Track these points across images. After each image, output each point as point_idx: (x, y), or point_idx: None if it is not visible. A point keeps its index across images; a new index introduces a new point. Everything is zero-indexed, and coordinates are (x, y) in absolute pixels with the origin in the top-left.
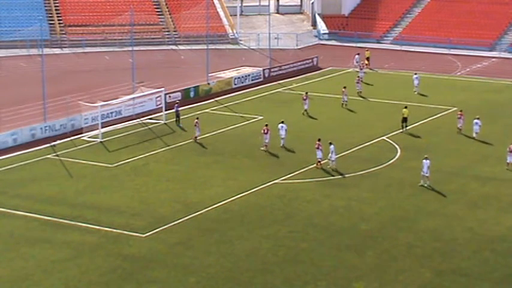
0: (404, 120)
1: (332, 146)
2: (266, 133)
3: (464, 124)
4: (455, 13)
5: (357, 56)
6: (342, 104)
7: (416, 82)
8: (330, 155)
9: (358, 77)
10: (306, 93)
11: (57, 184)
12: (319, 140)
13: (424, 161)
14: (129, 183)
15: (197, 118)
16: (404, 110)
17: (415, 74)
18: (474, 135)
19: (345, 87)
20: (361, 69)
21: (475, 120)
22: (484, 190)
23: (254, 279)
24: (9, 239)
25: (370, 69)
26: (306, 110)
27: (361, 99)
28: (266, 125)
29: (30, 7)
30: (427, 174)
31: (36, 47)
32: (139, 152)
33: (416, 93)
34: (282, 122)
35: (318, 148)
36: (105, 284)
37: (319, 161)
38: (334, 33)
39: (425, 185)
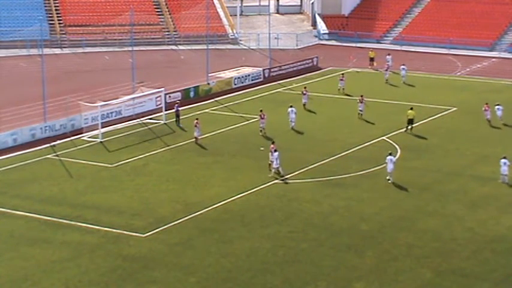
0: (410, 121)
1: (276, 153)
2: (263, 118)
3: (491, 116)
4: (455, 13)
5: (388, 57)
6: (359, 113)
7: (403, 72)
8: (274, 161)
9: (387, 80)
10: (305, 87)
11: (57, 184)
12: (273, 143)
13: (388, 157)
14: (129, 183)
15: (197, 119)
16: (410, 111)
17: (403, 65)
18: (498, 119)
19: (361, 96)
20: (386, 70)
21: (497, 106)
22: (484, 190)
23: (254, 279)
24: (9, 239)
25: (375, 69)
26: (304, 104)
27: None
28: (261, 111)
29: (30, 7)
30: (390, 171)
31: (36, 47)
32: (139, 152)
33: (403, 82)
34: (292, 106)
35: (270, 151)
36: (105, 284)
37: (270, 164)
38: (334, 33)
39: (389, 180)
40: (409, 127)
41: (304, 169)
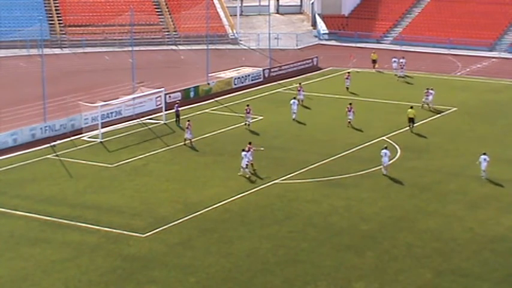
0: (411, 120)
1: (243, 153)
2: (248, 113)
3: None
4: (455, 13)
5: (394, 59)
6: (348, 122)
7: (395, 65)
8: (242, 160)
9: (399, 77)
10: (300, 83)
11: (57, 184)
12: (249, 143)
13: (383, 151)
14: (129, 183)
15: (189, 120)
16: (410, 110)
17: (397, 58)
18: (429, 103)
19: (350, 104)
20: (401, 68)
21: (429, 90)
22: (484, 190)
23: (254, 279)
24: (9, 239)
25: (377, 71)
26: (301, 100)
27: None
28: (247, 105)
29: (30, 7)
30: (385, 165)
31: (36, 47)
32: (139, 152)
33: (401, 76)
34: (294, 98)
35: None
36: (105, 284)
37: (251, 164)
38: (334, 33)
39: (384, 173)
40: (411, 126)
41: (304, 169)
